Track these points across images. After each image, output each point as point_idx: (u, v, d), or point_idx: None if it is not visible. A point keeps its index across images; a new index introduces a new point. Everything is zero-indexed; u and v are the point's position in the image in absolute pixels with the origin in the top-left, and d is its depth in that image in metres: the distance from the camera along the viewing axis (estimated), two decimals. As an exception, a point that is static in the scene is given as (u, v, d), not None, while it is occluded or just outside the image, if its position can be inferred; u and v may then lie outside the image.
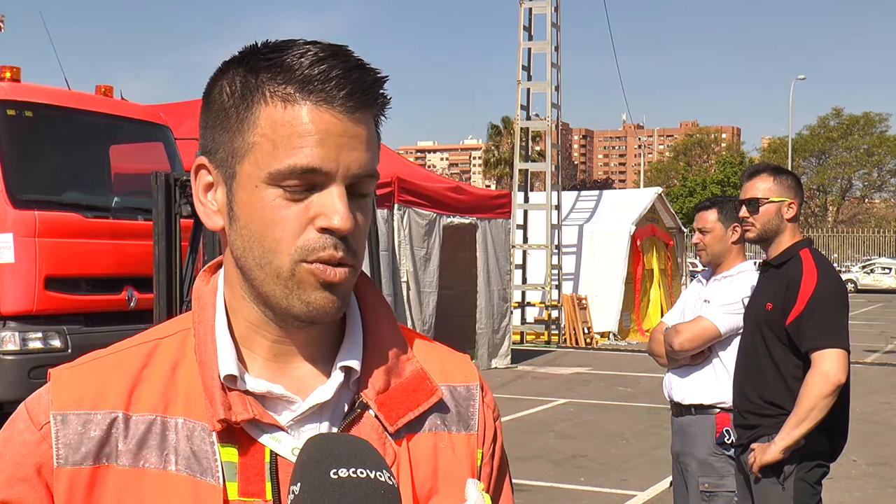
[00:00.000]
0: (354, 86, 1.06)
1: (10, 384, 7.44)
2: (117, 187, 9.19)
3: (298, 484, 1.01)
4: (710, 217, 4.47)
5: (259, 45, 1.11)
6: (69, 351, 7.75)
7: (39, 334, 7.84)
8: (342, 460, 1.02)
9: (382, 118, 1.12)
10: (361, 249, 1.11)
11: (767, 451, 3.67)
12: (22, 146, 8.08)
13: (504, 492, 1.25)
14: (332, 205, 1.06)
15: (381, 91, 1.10)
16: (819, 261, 3.78)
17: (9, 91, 8.03)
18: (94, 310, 8.21)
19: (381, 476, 1.02)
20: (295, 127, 1.05)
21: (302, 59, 1.06)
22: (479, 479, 1.18)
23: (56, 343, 7.87)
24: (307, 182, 1.06)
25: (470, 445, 1.19)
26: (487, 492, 1.19)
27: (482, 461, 1.20)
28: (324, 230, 1.06)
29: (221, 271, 1.17)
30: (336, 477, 1.00)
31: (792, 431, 3.62)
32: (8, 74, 8.13)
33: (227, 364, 1.10)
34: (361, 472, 1.01)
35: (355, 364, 1.13)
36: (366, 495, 1.00)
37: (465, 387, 1.22)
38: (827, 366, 3.59)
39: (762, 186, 3.85)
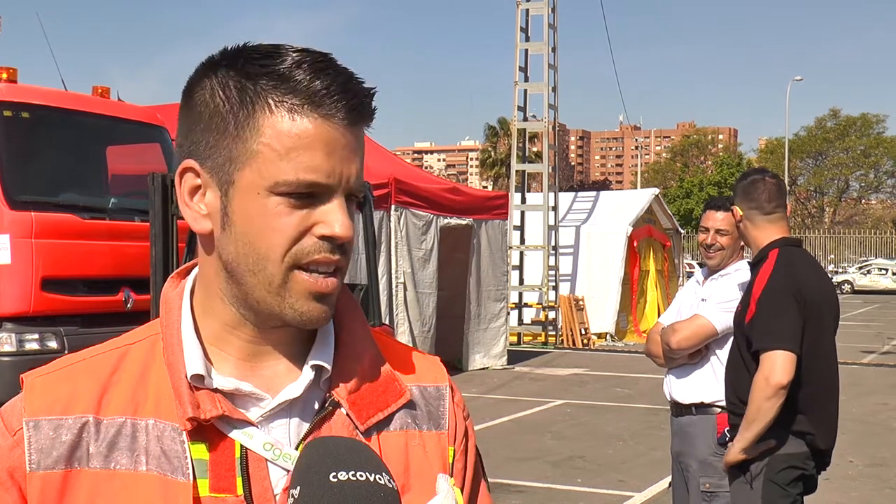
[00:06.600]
0: (355, 99, 1.09)
1: (6, 385, 7.40)
2: (114, 188, 9.19)
3: (298, 487, 1.02)
4: (732, 219, 4.24)
5: (247, 48, 1.11)
6: (66, 352, 7.71)
7: (36, 335, 7.83)
8: (342, 463, 1.02)
9: (367, 128, 1.15)
10: (351, 252, 1.14)
11: (730, 452, 3.72)
12: (19, 147, 8.07)
13: (481, 489, 1.27)
14: (334, 214, 1.09)
15: (373, 102, 1.13)
16: (781, 261, 3.71)
17: (5, 92, 8.02)
18: (91, 311, 8.20)
19: (380, 479, 1.02)
20: (302, 139, 1.07)
21: (300, 69, 1.07)
22: (451, 476, 1.19)
23: (53, 344, 7.86)
24: (310, 192, 1.08)
25: (441, 443, 1.20)
26: (462, 486, 1.20)
27: (454, 458, 1.22)
28: (324, 237, 1.09)
29: (191, 276, 1.19)
30: (336, 480, 1.00)
31: (744, 433, 3.63)
32: (4, 75, 8.12)
33: (193, 363, 1.12)
34: (361, 476, 1.01)
35: (326, 363, 1.15)
36: (365, 498, 1.00)
37: (435, 387, 1.24)
38: (767, 368, 3.55)
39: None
